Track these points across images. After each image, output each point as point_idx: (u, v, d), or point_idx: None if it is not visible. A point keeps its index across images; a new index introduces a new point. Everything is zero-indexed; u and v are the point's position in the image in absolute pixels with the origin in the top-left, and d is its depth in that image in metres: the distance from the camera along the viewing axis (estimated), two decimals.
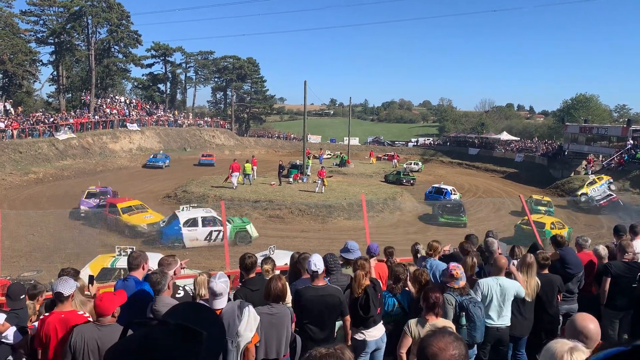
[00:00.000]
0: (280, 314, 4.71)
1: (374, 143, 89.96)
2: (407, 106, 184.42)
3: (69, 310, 4.52)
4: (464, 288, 5.17)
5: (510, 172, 56.10)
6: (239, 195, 28.99)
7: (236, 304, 4.37)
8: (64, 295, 4.51)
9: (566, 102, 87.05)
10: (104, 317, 4.10)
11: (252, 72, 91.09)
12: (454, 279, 5.10)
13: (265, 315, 4.61)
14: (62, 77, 64.34)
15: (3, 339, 4.94)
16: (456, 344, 1.83)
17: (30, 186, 35.71)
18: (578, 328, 3.02)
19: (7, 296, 5.55)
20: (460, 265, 5.36)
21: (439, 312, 4.68)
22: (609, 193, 33.03)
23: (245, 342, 4.26)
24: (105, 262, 12.70)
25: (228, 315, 4.25)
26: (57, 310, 4.53)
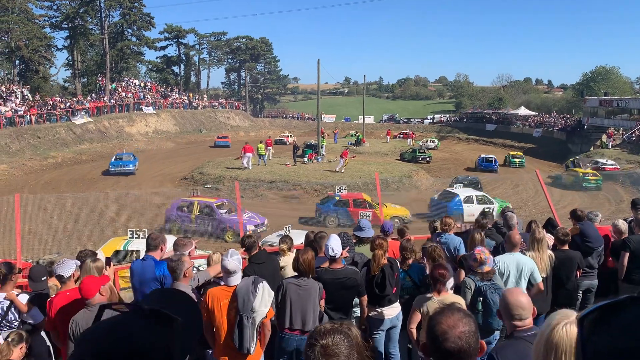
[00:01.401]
0: (308, 287, 4.80)
1: (389, 121, 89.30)
2: (423, 83, 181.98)
3: (72, 288, 4.67)
4: (488, 273, 5.01)
5: (529, 147, 55.37)
6: (254, 176, 29.10)
7: (250, 280, 4.40)
8: (65, 277, 4.67)
9: (585, 75, 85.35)
10: (91, 299, 4.15)
11: (265, 52, 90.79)
12: (478, 263, 4.99)
13: (292, 286, 4.77)
14: (77, 61, 64.77)
15: (26, 319, 5.07)
16: (466, 321, 1.80)
17: (49, 170, 36.23)
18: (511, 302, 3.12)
19: (29, 278, 5.67)
20: (485, 249, 5.20)
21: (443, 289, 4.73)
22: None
23: (260, 318, 4.32)
24: (118, 244, 12.88)
25: (243, 292, 4.30)
26: (62, 290, 4.68)
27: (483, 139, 64.94)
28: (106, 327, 1.09)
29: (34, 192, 28.24)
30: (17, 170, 35.09)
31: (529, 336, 2.94)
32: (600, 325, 0.94)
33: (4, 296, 5.10)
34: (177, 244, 5.59)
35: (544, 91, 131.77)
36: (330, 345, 1.86)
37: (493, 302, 4.86)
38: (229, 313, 4.34)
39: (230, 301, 4.34)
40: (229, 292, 4.38)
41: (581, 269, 6.44)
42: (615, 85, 78.21)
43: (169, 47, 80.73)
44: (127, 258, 11.81)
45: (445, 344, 1.76)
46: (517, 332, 3.03)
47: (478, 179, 29.18)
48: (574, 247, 6.54)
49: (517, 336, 3.02)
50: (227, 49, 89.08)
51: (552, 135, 57.31)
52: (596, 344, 0.92)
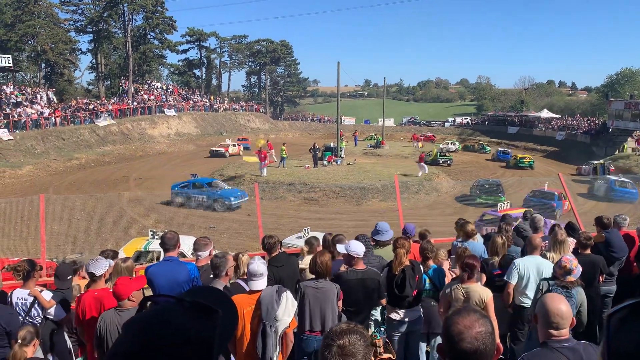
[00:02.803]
0: (325, 289, 4.81)
1: (409, 124, 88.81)
2: (444, 85, 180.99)
3: (102, 288, 4.71)
4: (572, 283, 4.79)
5: (551, 150, 54.59)
6: (273, 178, 29.21)
7: (274, 289, 4.41)
8: (97, 275, 4.73)
9: (610, 77, 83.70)
10: (122, 301, 4.23)
11: (285, 55, 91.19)
12: (563, 272, 4.83)
13: (310, 289, 4.77)
14: (101, 64, 65.91)
15: (48, 315, 5.18)
16: (482, 322, 1.78)
17: (73, 172, 36.89)
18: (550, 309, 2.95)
19: (56, 276, 5.81)
20: (574, 259, 4.96)
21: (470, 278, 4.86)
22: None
23: (283, 327, 4.31)
24: (139, 245, 13.02)
25: (267, 300, 4.31)
26: (92, 289, 4.75)
27: (505, 142, 64.15)
28: (150, 316, 1.12)
29: (58, 192, 28.77)
30: (42, 171, 35.81)
31: (563, 348, 2.80)
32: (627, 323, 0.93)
33: (28, 292, 5.22)
34: (198, 243, 5.63)
35: (567, 94, 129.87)
36: (347, 345, 1.87)
37: None
38: (252, 321, 4.34)
39: (254, 309, 4.35)
40: (253, 300, 4.39)
41: (604, 274, 6.34)
42: None
43: (190, 50, 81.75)
44: (148, 258, 11.94)
45: (462, 345, 1.74)
46: (551, 342, 2.88)
47: (500, 182, 28.87)
48: (597, 254, 6.43)
49: (551, 346, 2.86)
50: (248, 52, 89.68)
51: (576, 139, 56.36)
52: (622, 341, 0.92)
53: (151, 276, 5.00)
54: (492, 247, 6.18)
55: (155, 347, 1.06)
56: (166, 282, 4.90)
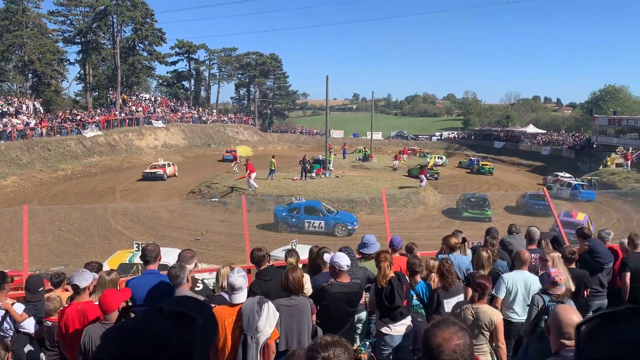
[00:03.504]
0: (300, 305, 4.72)
1: (397, 137, 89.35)
2: (431, 100, 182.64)
3: (86, 301, 4.64)
4: (564, 295, 4.88)
5: (537, 165, 55.15)
6: (261, 190, 29.12)
7: (255, 300, 4.38)
8: (81, 287, 4.65)
9: (594, 94, 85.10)
10: (109, 314, 4.16)
11: (274, 68, 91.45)
12: (556, 286, 4.89)
13: (284, 307, 4.64)
14: (89, 75, 65.56)
15: (21, 329, 5.09)
16: (460, 334, 1.79)
17: (59, 183, 36.51)
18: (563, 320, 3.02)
19: (27, 289, 5.71)
20: (562, 271, 5.09)
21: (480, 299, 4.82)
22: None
23: (264, 338, 4.27)
24: (124, 257, 12.91)
25: (248, 311, 4.28)
26: (75, 301, 4.67)
27: (491, 156, 64.74)
28: (130, 325, 1.13)
29: (43, 204, 28.43)
30: (27, 182, 35.39)
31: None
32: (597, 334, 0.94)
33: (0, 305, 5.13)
34: (184, 255, 5.58)
35: (552, 109, 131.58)
36: (331, 358, 1.87)
37: None
38: (234, 332, 4.30)
39: (235, 320, 4.31)
40: (234, 311, 4.35)
41: (588, 289, 6.37)
42: (624, 104, 77.89)
43: (179, 62, 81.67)
44: (133, 271, 11.81)
45: (440, 357, 1.75)
46: (564, 352, 2.93)
47: (486, 196, 29.05)
48: (584, 265, 6.48)
49: (564, 356, 2.90)
50: (237, 65, 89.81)
51: (561, 154, 57.04)
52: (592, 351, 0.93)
53: (131, 288, 4.95)
54: (478, 261, 6.18)
55: (136, 355, 1.06)
56: (146, 295, 4.87)
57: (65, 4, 62.15)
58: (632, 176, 37.70)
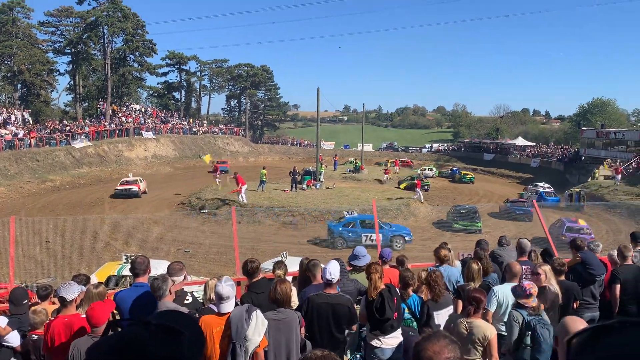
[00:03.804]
0: (287, 318, 4.66)
1: (387, 149, 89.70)
2: (421, 112, 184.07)
3: (73, 314, 4.56)
4: (537, 307, 4.90)
5: (526, 177, 55.51)
6: (252, 201, 29.03)
7: (244, 308, 4.34)
8: (67, 300, 4.56)
9: (582, 107, 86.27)
10: (97, 327, 4.09)
11: (266, 80, 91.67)
12: (530, 298, 4.89)
13: (271, 321, 4.56)
14: (79, 86, 65.34)
15: (4, 343, 5.00)
16: (451, 347, 1.77)
17: (47, 194, 36.17)
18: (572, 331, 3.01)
19: (10, 301, 5.61)
20: (534, 284, 5.10)
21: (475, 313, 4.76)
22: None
23: (253, 346, 4.22)
24: (112, 269, 12.75)
25: (236, 319, 4.23)
26: (62, 314, 4.59)
27: (481, 169, 65.14)
28: (116, 340, 1.11)
29: (31, 215, 28.12)
30: (14, 193, 35.03)
31: None
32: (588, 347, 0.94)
33: None
34: (173, 268, 5.52)
35: (541, 122, 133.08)
36: None
37: (543, 337, 4.71)
38: (222, 341, 4.25)
39: (224, 329, 4.27)
40: (222, 320, 4.30)
41: (578, 301, 6.37)
42: (611, 117, 79.02)
43: (170, 73, 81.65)
44: (121, 283, 11.68)
45: None
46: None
47: (476, 208, 29.20)
48: (576, 276, 6.49)
49: None
50: (228, 76, 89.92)
51: (550, 166, 57.51)
52: None
53: (119, 301, 4.88)
54: (468, 273, 6.17)
55: None
56: (134, 308, 4.80)
57: (56, 15, 62.13)
58: (620, 188, 38.00)
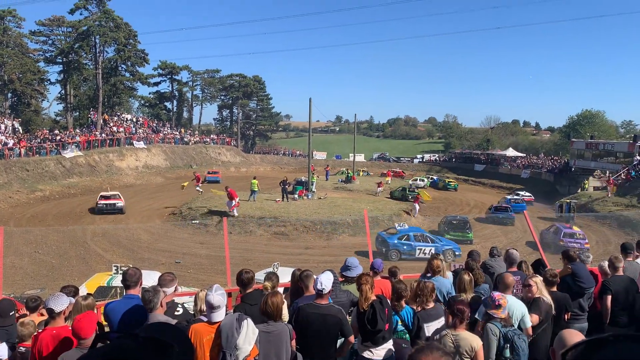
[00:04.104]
0: (278, 331, 4.63)
1: (379, 159, 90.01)
2: (413, 123, 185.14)
3: (61, 326, 4.50)
4: (508, 319, 4.92)
5: (517, 188, 55.79)
6: (243, 212, 28.93)
7: (235, 317, 4.31)
8: (56, 312, 4.50)
9: (572, 118, 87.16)
10: (85, 339, 4.02)
11: (258, 90, 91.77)
12: (501, 309, 4.91)
13: (262, 333, 4.53)
14: (70, 95, 65.08)
15: None
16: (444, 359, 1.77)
17: (36, 204, 35.86)
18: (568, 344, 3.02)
19: None
20: (504, 295, 5.12)
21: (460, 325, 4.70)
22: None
23: (243, 356, 4.20)
24: (102, 280, 12.63)
25: (227, 328, 4.20)
26: (50, 326, 4.52)
27: (472, 179, 65.48)
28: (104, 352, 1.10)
29: (20, 225, 27.84)
30: (3, 203, 34.70)
31: None
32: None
33: None
34: (163, 279, 5.47)
35: (531, 133, 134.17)
36: None
37: (522, 349, 4.73)
38: (212, 350, 4.22)
39: (214, 338, 4.24)
40: (213, 329, 4.28)
41: (569, 312, 6.39)
42: (600, 128, 79.87)
43: (162, 83, 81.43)
44: (111, 294, 11.56)
45: None
46: None
47: (467, 219, 29.28)
48: (565, 288, 6.50)
49: None
50: (220, 86, 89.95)
51: (540, 177, 57.94)
52: None
53: (109, 312, 4.81)
54: (460, 284, 6.16)
55: None
56: (124, 320, 4.73)
57: (48, 24, 61.99)
58: (610, 199, 38.34)
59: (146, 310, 4.58)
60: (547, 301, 5.75)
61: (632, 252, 7.77)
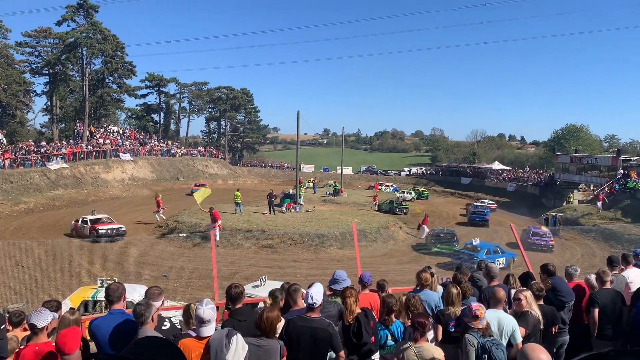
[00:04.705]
0: (269, 347, 4.57)
1: (367, 172, 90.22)
2: (400, 136, 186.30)
3: (44, 342, 4.41)
4: (487, 329, 4.94)
5: (503, 201, 56.26)
6: (230, 224, 28.77)
7: (224, 332, 4.26)
8: (38, 327, 4.41)
9: (557, 132, 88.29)
10: (70, 355, 3.89)
11: (245, 103, 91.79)
12: (478, 319, 4.93)
13: (252, 347, 4.47)
14: (56, 107, 64.48)
15: None
16: None
17: (20, 216, 35.34)
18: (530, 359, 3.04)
19: None
20: (482, 305, 5.13)
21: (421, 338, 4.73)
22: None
23: None
24: (87, 294, 12.44)
25: (216, 343, 4.16)
26: (32, 342, 4.43)
27: (459, 192, 65.86)
28: None
29: (3, 238, 27.39)
30: None
31: None
32: None
33: None
34: (151, 292, 5.40)
35: (517, 147, 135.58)
36: None
37: (498, 358, 4.76)
38: None
39: (203, 353, 4.19)
40: (202, 344, 4.23)
41: (556, 325, 6.42)
42: (585, 142, 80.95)
43: (149, 95, 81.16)
44: (96, 308, 11.39)
45: None
46: None
47: (454, 232, 29.42)
48: (547, 302, 6.53)
49: None
50: (208, 99, 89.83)
51: (526, 190, 58.45)
52: None
53: (95, 329, 4.70)
54: (448, 298, 6.16)
55: None
56: (112, 336, 4.63)
57: (34, 36, 61.53)
58: (594, 212, 38.76)
59: (135, 324, 4.51)
60: (536, 315, 5.77)
61: (618, 265, 7.87)
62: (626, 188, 40.62)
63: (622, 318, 6.61)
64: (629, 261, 7.97)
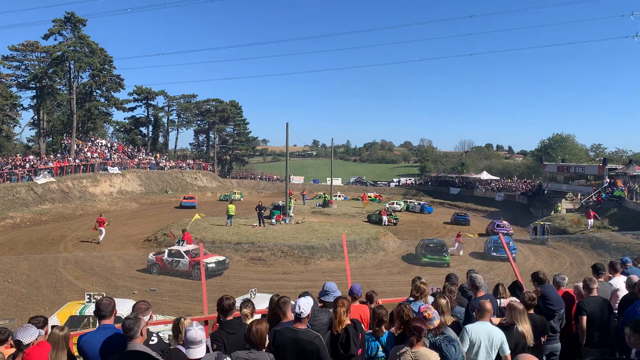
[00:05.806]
0: (259, 359, 4.55)
1: (356, 183, 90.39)
2: (389, 147, 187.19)
3: None
4: (439, 327, 5.03)
5: (492, 211, 56.57)
6: (220, 237, 28.65)
7: (214, 356, 4.22)
8: (24, 344, 4.35)
9: (544, 142, 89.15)
10: None
11: (234, 115, 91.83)
12: (427, 320, 4.99)
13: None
14: (43, 121, 64.05)
15: None
16: None
17: (6, 231, 34.87)
18: None
19: None
20: (430, 306, 5.27)
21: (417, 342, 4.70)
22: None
23: None
24: (74, 309, 12.26)
25: None
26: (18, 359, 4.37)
27: (448, 202, 66.16)
28: None
29: None
30: None
31: None
32: None
33: None
34: (138, 307, 5.34)
35: (504, 157, 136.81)
36: None
37: (449, 354, 4.85)
38: None
39: None
40: None
41: (546, 334, 6.43)
42: (571, 152, 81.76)
43: (137, 108, 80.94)
44: (83, 324, 11.24)
45: None
46: None
47: (444, 242, 29.47)
48: (536, 311, 6.54)
49: None
50: (197, 111, 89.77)
51: (514, 200, 58.81)
52: None
53: (84, 345, 4.63)
54: (437, 308, 6.14)
55: None
56: (104, 352, 4.56)
57: (21, 49, 61.31)
58: (582, 221, 39.03)
59: (124, 339, 4.45)
60: (520, 331, 5.74)
61: (603, 272, 7.91)
62: (613, 196, 41.00)
63: (610, 326, 6.64)
64: (617, 269, 8.01)
